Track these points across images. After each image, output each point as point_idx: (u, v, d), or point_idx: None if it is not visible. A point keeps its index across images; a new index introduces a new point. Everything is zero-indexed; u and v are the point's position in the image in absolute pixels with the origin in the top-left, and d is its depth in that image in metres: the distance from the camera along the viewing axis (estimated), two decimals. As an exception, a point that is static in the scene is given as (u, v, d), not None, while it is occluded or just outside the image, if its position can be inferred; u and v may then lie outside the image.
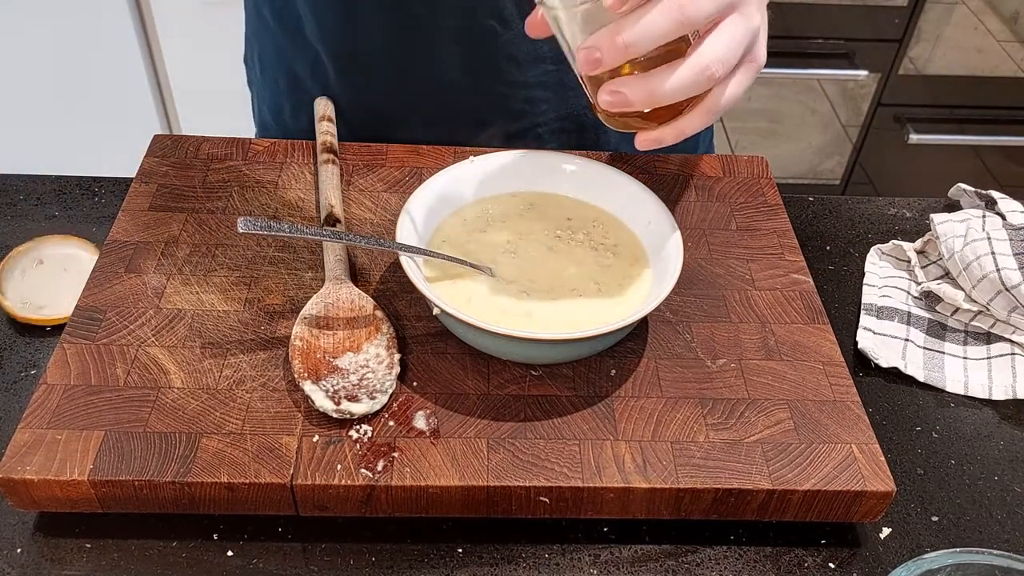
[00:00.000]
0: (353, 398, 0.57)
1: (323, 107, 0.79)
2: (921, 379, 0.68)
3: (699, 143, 0.91)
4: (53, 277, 0.69)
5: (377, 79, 0.78)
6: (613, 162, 0.70)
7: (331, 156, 0.74)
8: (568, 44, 0.55)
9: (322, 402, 0.56)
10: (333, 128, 0.77)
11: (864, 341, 0.69)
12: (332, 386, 0.57)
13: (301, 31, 0.78)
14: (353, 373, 0.58)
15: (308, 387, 0.57)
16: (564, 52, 0.56)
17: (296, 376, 0.57)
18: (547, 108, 0.80)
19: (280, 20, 0.79)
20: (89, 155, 1.68)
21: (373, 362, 0.59)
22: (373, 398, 0.57)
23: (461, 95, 0.78)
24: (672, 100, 0.53)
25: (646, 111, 0.55)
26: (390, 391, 0.58)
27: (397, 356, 0.60)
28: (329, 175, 0.72)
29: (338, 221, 0.68)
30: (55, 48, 1.65)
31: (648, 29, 0.50)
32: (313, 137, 0.78)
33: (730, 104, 0.56)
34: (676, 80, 0.52)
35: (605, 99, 0.53)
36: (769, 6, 0.59)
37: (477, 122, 0.80)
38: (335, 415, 0.56)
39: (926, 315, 0.73)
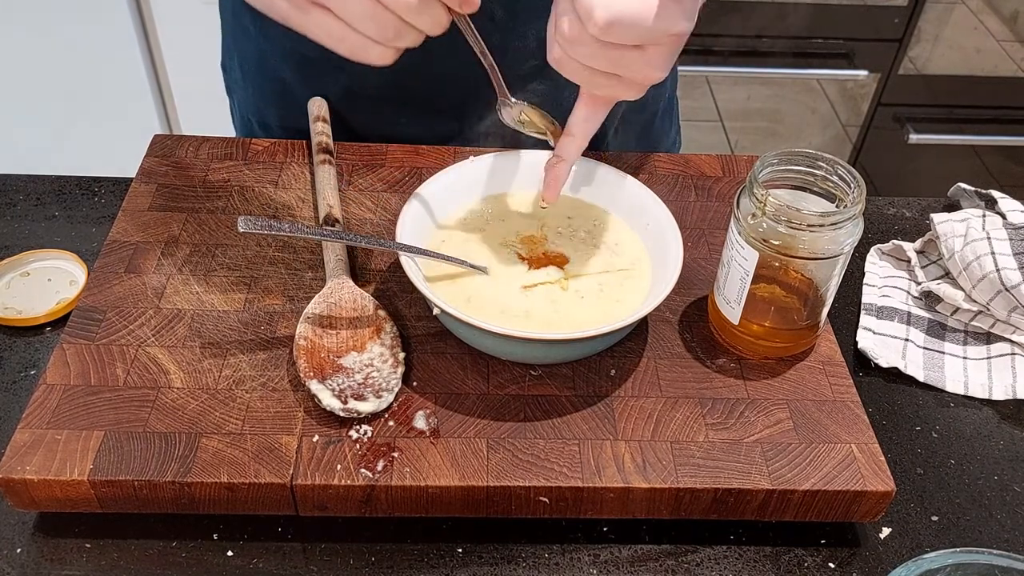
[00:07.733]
0: (359, 397, 0.57)
1: (317, 108, 0.79)
2: (921, 379, 0.68)
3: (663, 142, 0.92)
4: (37, 287, 0.70)
5: (373, 72, 0.78)
6: (613, 162, 0.70)
7: (327, 156, 0.74)
8: None
9: (329, 401, 0.56)
10: (328, 128, 0.77)
11: (864, 341, 0.69)
12: (338, 385, 0.57)
13: (285, 36, 0.78)
14: (358, 372, 0.58)
15: (315, 386, 0.57)
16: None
17: (302, 375, 0.57)
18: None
19: (262, 26, 0.79)
20: (89, 155, 1.69)
21: (377, 361, 0.59)
22: (379, 396, 0.57)
23: (459, 83, 0.77)
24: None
25: None
26: (396, 389, 0.58)
27: (402, 355, 0.60)
28: (326, 175, 0.72)
29: (337, 221, 0.68)
30: (55, 48, 1.65)
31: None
32: (302, 137, 0.78)
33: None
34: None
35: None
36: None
37: (475, 111, 0.80)
38: (342, 414, 0.56)
39: (926, 315, 0.72)
